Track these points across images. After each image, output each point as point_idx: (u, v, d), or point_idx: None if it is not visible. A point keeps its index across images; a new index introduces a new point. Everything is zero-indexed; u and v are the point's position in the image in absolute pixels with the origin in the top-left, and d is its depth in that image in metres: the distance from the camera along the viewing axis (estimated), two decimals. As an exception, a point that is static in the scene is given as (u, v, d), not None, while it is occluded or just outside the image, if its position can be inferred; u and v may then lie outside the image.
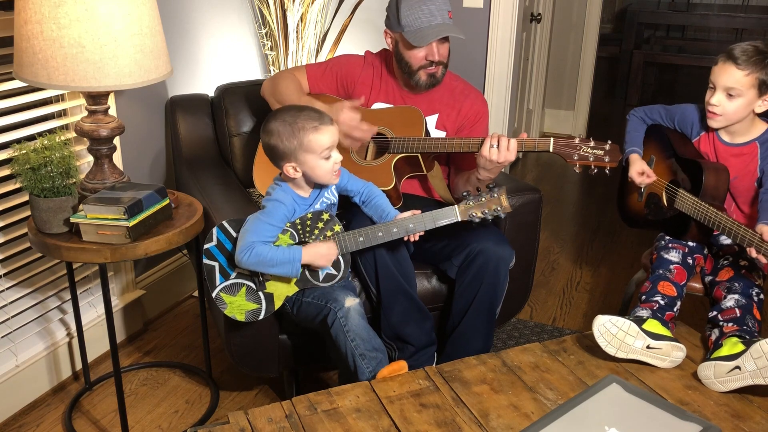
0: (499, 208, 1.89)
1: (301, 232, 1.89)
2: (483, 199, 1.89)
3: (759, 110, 2.04)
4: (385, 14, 2.26)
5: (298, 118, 1.81)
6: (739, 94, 2.01)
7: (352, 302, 1.87)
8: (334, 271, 1.91)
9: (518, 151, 2.01)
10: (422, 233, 1.92)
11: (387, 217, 1.93)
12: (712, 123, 2.09)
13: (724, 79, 2.01)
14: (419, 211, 1.91)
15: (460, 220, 1.90)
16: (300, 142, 1.79)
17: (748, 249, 1.86)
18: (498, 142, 1.99)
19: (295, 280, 1.89)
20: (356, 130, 2.11)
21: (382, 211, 1.95)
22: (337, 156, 1.85)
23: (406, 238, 1.92)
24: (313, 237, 1.89)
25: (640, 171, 2.20)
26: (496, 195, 1.89)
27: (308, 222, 1.88)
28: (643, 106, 2.32)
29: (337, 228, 1.90)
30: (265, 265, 1.82)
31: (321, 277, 1.90)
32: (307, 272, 1.89)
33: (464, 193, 1.92)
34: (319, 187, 1.93)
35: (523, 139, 2.00)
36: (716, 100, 2.04)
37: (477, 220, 1.90)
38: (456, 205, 1.91)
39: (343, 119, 2.08)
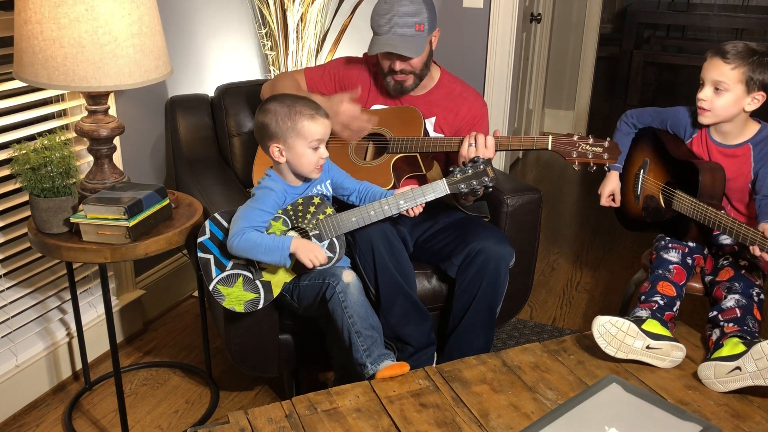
0: (486, 179, 1.91)
1: (293, 217, 1.89)
2: (469, 172, 1.91)
3: (749, 108, 2.04)
4: None
5: (297, 103, 1.84)
6: (726, 89, 2.01)
7: (350, 277, 1.87)
8: (330, 254, 1.90)
9: (517, 150, 2.02)
10: (419, 209, 1.93)
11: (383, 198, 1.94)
12: (702, 119, 2.09)
13: (712, 73, 2.03)
14: (417, 183, 1.92)
15: (449, 192, 1.91)
16: (294, 125, 1.82)
17: (751, 247, 1.86)
18: (475, 140, 2.00)
19: (292, 265, 1.89)
20: (356, 120, 2.12)
21: (381, 197, 1.95)
22: (323, 152, 1.87)
23: (406, 212, 1.92)
24: (306, 221, 1.89)
25: (610, 194, 2.35)
26: (481, 167, 1.91)
27: (299, 207, 1.89)
28: (634, 110, 2.33)
29: (329, 211, 1.90)
30: (255, 251, 1.82)
31: None
32: None
33: (450, 168, 1.94)
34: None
35: (497, 137, 2.02)
36: (704, 95, 2.05)
37: (465, 191, 1.91)
38: (444, 179, 1.92)
39: (343, 110, 2.10)
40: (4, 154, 2.08)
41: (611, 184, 2.35)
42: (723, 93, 2.02)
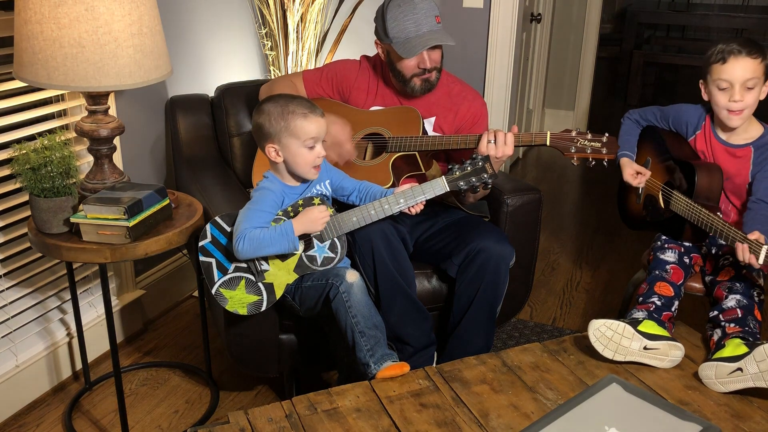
0: (485, 175, 1.91)
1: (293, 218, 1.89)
2: (468, 169, 1.91)
3: (762, 97, 2.05)
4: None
5: (291, 103, 1.84)
6: (755, 84, 2.01)
7: (354, 277, 1.87)
8: (331, 254, 1.91)
9: (516, 146, 2.02)
10: (420, 208, 1.93)
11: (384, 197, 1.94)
12: (736, 122, 2.05)
13: (743, 73, 1.99)
14: (416, 182, 1.92)
15: (448, 190, 1.91)
16: (287, 125, 1.82)
17: (739, 247, 1.85)
18: (495, 137, 2.00)
19: (293, 266, 1.89)
20: (342, 146, 2.14)
21: (381, 196, 1.95)
22: (320, 150, 1.86)
23: (407, 211, 1.92)
24: None
25: (633, 172, 2.20)
26: (480, 163, 1.91)
27: (300, 209, 1.89)
28: (638, 109, 2.33)
29: (330, 211, 1.90)
30: (262, 247, 1.82)
31: (319, 262, 1.90)
32: (305, 258, 1.89)
33: (449, 166, 1.93)
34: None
35: (516, 134, 2.01)
36: (740, 96, 2.00)
37: (464, 188, 1.91)
38: (443, 176, 1.92)
39: (334, 132, 2.10)
40: (4, 154, 2.08)
41: (628, 167, 2.21)
42: (753, 89, 2.01)
